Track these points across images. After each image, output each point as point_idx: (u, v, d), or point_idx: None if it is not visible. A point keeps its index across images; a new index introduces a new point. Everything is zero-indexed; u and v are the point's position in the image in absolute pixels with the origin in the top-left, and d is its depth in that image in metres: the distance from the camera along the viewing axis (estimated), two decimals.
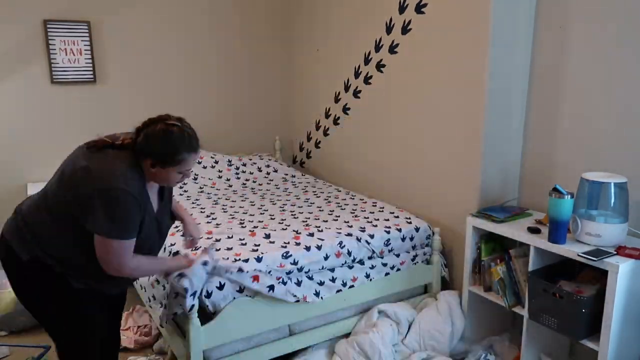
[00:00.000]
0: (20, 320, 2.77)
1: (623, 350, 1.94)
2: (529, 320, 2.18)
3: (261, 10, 3.95)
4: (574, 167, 2.31)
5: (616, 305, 1.84)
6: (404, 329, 2.48)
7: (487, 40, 2.35)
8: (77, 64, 3.32)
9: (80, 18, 3.31)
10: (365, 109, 3.31)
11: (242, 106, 4.00)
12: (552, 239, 2.03)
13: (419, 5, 2.75)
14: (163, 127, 1.62)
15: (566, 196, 1.97)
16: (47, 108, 3.31)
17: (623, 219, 1.96)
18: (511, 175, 2.57)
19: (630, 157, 2.11)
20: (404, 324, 2.48)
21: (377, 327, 2.37)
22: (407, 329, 2.49)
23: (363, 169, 3.40)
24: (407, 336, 2.47)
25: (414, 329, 2.48)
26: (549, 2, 2.34)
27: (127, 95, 3.54)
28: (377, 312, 2.48)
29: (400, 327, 2.47)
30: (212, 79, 3.84)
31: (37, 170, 3.35)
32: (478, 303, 2.51)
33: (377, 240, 2.50)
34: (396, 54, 2.97)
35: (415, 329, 2.48)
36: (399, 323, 2.47)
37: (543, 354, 2.29)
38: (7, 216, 1.75)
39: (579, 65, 2.25)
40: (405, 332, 2.48)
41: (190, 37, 3.70)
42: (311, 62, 3.85)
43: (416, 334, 2.47)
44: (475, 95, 2.45)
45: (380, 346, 2.29)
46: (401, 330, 2.47)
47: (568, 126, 2.33)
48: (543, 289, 2.05)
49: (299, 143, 4.15)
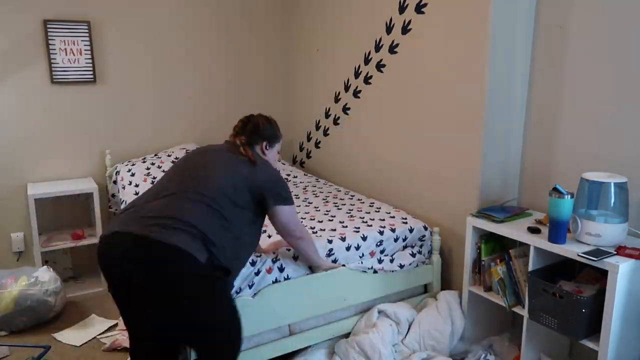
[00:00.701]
0: (21, 320, 2.78)
1: (623, 350, 1.94)
2: (529, 320, 2.19)
3: (261, 10, 3.96)
4: (574, 167, 2.31)
5: (616, 305, 1.84)
6: (403, 328, 2.48)
7: (487, 40, 2.35)
8: (77, 64, 3.32)
9: (80, 18, 3.31)
10: (365, 109, 3.31)
11: (242, 106, 4.00)
12: (552, 239, 2.03)
13: (419, 5, 2.75)
14: (262, 118, 2.08)
15: (566, 196, 1.97)
16: (47, 108, 3.31)
17: (623, 219, 1.96)
18: (511, 175, 2.57)
19: (630, 157, 2.11)
20: (404, 324, 2.48)
21: (377, 327, 2.37)
22: (407, 329, 2.49)
23: (363, 168, 3.40)
24: (407, 336, 2.47)
25: (414, 328, 2.48)
26: (549, 2, 2.34)
27: (127, 95, 3.54)
28: (377, 312, 2.48)
29: (400, 327, 2.47)
30: (211, 79, 3.84)
31: (37, 170, 3.35)
32: (478, 303, 2.52)
33: (370, 240, 2.49)
34: (396, 54, 2.98)
35: (415, 329, 2.48)
36: (398, 323, 2.47)
37: (543, 354, 2.29)
38: (7, 216, 1.76)
39: (579, 65, 2.25)
40: (405, 332, 2.48)
41: (190, 37, 3.70)
42: (311, 62, 3.85)
43: (416, 333, 2.47)
44: (475, 95, 2.46)
45: (380, 346, 2.29)
46: (401, 330, 2.47)
47: (568, 126, 2.33)
48: (543, 289, 2.05)
49: (299, 143, 4.15)
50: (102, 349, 2.61)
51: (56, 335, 2.77)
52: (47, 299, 2.83)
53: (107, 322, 2.91)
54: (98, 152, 3.52)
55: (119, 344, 2.61)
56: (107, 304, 3.15)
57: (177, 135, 3.76)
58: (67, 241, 3.24)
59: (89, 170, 3.51)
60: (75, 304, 3.16)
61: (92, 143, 3.49)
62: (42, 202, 3.36)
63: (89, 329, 2.84)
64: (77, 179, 3.46)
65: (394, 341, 2.41)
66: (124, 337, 2.69)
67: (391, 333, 2.40)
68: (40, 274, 2.87)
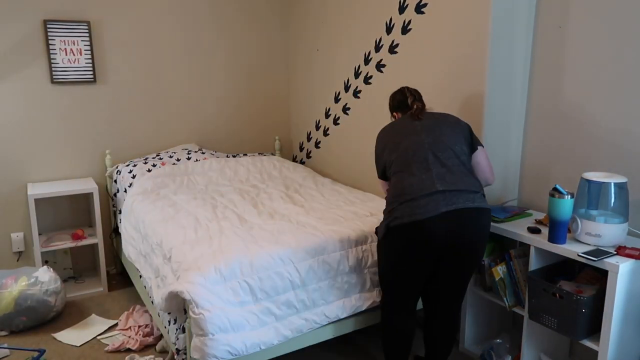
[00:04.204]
0: (20, 320, 2.78)
1: (623, 350, 1.94)
2: (529, 320, 2.19)
3: (261, 10, 3.96)
4: (574, 167, 2.32)
5: (616, 305, 1.84)
6: None
7: (487, 40, 2.35)
8: (77, 64, 3.32)
9: (80, 18, 3.31)
10: (365, 109, 3.31)
11: (243, 106, 4.00)
12: (552, 239, 2.03)
13: (419, 5, 2.75)
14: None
15: (566, 196, 1.97)
16: (47, 108, 3.31)
17: (623, 219, 1.96)
18: (511, 175, 2.57)
19: (630, 157, 2.11)
20: None
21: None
22: None
23: (363, 168, 3.40)
24: None
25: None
26: (549, 2, 2.35)
27: (127, 95, 3.54)
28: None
29: None
30: (212, 79, 3.84)
31: (37, 170, 3.35)
32: (478, 303, 2.52)
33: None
34: (396, 54, 2.98)
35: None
36: None
37: (543, 354, 2.29)
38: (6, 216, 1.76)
39: (579, 65, 2.25)
40: None
41: (190, 37, 3.70)
42: (311, 62, 3.85)
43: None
44: (475, 95, 2.46)
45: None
46: None
47: (568, 126, 2.33)
48: (543, 289, 2.05)
49: (299, 143, 4.15)
50: (106, 349, 2.61)
51: (56, 335, 2.77)
52: (47, 299, 2.83)
53: (107, 322, 2.91)
54: (98, 152, 3.52)
55: (123, 345, 2.62)
56: (107, 304, 3.15)
57: (177, 135, 3.76)
58: (67, 241, 3.24)
59: (89, 170, 3.51)
60: (75, 304, 3.16)
61: (92, 143, 3.49)
62: (42, 202, 3.37)
63: (89, 329, 2.84)
64: (77, 179, 3.46)
65: None
66: (125, 337, 2.69)
67: None
68: (40, 274, 2.87)
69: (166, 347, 2.56)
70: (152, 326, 2.76)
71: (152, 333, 2.71)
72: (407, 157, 2.04)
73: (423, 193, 1.94)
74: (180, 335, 2.14)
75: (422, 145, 2.03)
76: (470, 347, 2.56)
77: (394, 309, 2.15)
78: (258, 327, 2.08)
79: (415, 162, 2.01)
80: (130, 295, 3.28)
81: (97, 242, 3.28)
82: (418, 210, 1.91)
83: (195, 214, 2.67)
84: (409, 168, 2.02)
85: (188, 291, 1.92)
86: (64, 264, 3.48)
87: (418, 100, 2.22)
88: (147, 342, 2.65)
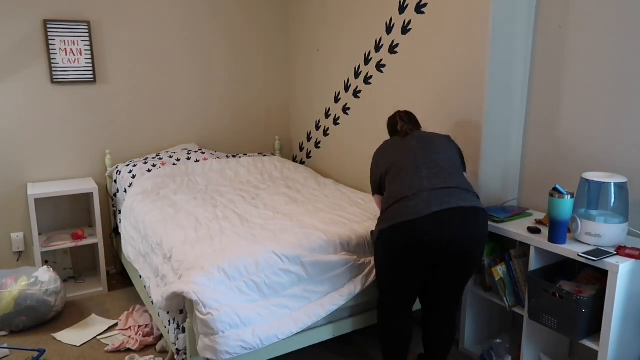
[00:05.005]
0: (20, 320, 2.78)
1: (623, 350, 1.94)
2: (529, 320, 2.19)
3: (261, 10, 3.96)
4: (574, 167, 2.32)
5: (616, 305, 1.84)
6: None
7: (487, 40, 2.35)
8: (77, 64, 3.32)
9: (80, 18, 3.31)
10: (365, 109, 3.31)
11: (243, 106, 4.00)
12: (552, 239, 2.03)
13: (419, 5, 2.75)
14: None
15: (566, 196, 1.97)
16: (47, 108, 3.31)
17: (623, 219, 1.96)
18: (511, 175, 2.57)
19: (630, 157, 2.11)
20: None
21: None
22: None
23: (363, 169, 3.40)
24: None
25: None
26: (549, 2, 2.35)
27: (127, 95, 3.54)
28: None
29: None
30: (212, 79, 3.84)
31: (37, 170, 3.35)
32: (478, 303, 2.52)
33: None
34: (396, 54, 2.98)
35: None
36: None
37: (543, 354, 2.29)
38: (6, 216, 1.76)
39: (579, 65, 2.25)
40: None
41: (190, 37, 3.70)
42: (311, 62, 3.85)
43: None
44: (475, 95, 2.46)
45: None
46: None
47: (568, 126, 2.33)
48: (543, 289, 2.05)
49: (299, 143, 4.15)
50: (105, 349, 2.61)
51: (56, 335, 2.77)
52: (47, 299, 2.83)
53: (107, 322, 2.91)
54: (98, 152, 3.52)
55: (123, 345, 2.61)
56: (107, 304, 3.15)
57: (177, 136, 3.76)
58: (67, 241, 3.24)
59: (89, 170, 3.51)
60: (75, 304, 3.16)
61: (92, 143, 3.49)
62: (42, 202, 3.37)
63: (89, 329, 2.84)
64: (77, 179, 3.46)
65: None
66: (125, 337, 2.69)
67: None
68: (40, 274, 2.87)
69: (166, 347, 2.56)
70: (152, 326, 2.76)
71: (152, 333, 2.71)
72: (400, 164, 2.12)
73: (413, 192, 1.97)
74: (180, 335, 2.14)
75: (413, 152, 2.13)
76: (470, 347, 2.56)
77: (391, 311, 2.15)
78: (271, 319, 2.09)
79: (406, 167, 2.09)
80: (130, 295, 3.28)
81: (97, 242, 3.28)
82: (409, 211, 1.93)
83: (196, 214, 2.67)
84: (401, 173, 2.09)
85: (194, 292, 1.92)
86: (64, 264, 3.48)
87: (408, 124, 2.34)
88: (147, 342, 2.65)
